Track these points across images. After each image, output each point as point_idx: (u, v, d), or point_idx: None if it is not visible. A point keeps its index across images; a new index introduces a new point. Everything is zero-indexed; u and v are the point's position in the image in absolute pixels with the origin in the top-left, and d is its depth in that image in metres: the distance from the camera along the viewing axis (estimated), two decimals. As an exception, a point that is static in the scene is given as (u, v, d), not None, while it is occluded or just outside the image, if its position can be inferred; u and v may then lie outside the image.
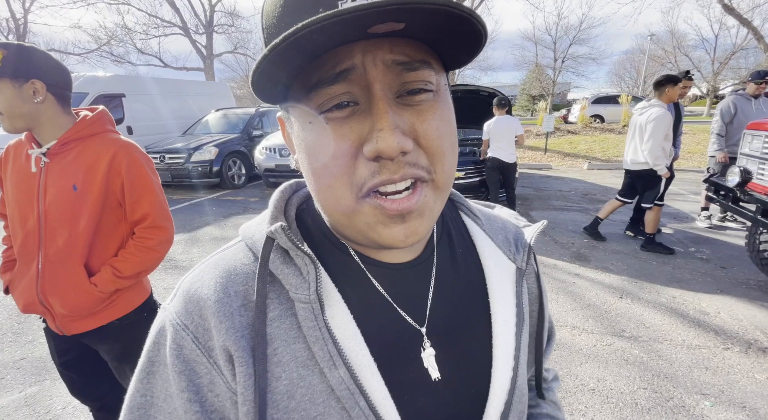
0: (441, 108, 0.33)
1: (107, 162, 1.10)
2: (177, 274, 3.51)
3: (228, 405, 0.35)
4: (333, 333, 0.35)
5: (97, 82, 7.90)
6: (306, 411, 0.34)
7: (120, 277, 1.14)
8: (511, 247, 0.45)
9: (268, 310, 0.35)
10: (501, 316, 0.41)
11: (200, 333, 0.35)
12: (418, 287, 0.40)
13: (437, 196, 0.34)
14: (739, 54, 23.31)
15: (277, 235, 0.35)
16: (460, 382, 0.39)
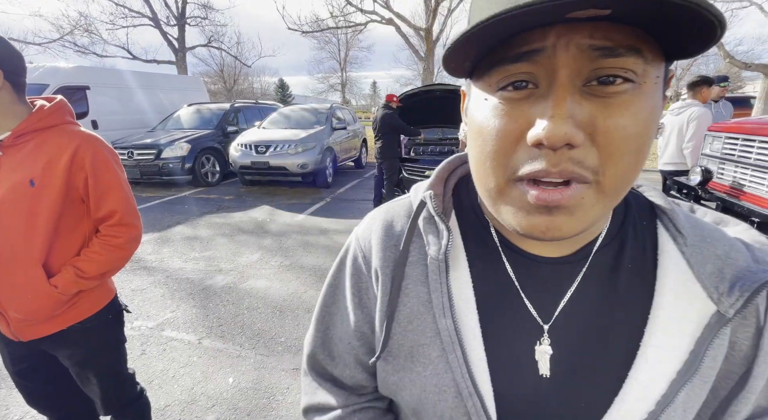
0: (639, 104, 0.28)
1: (69, 156, 1.02)
2: (146, 275, 3.36)
3: (373, 308, 0.45)
4: (451, 291, 0.40)
5: (59, 73, 7.45)
6: (417, 337, 0.40)
7: (83, 277, 1.06)
8: (723, 284, 0.34)
9: (409, 255, 0.42)
10: (653, 354, 0.35)
11: (367, 252, 0.46)
12: (555, 287, 0.38)
13: (599, 200, 0.30)
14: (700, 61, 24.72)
15: (428, 200, 0.42)
16: (571, 393, 0.37)
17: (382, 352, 0.42)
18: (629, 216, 0.40)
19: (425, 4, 13.12)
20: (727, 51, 10.53)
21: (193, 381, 2.06)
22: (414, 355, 0.41)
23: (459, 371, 0.37)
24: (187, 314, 2.72)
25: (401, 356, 0.41)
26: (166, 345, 2.37)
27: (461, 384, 0.37)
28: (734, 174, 2.77)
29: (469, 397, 0.37)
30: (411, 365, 0.41)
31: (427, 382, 0.40)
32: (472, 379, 0.37)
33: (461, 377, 0.37)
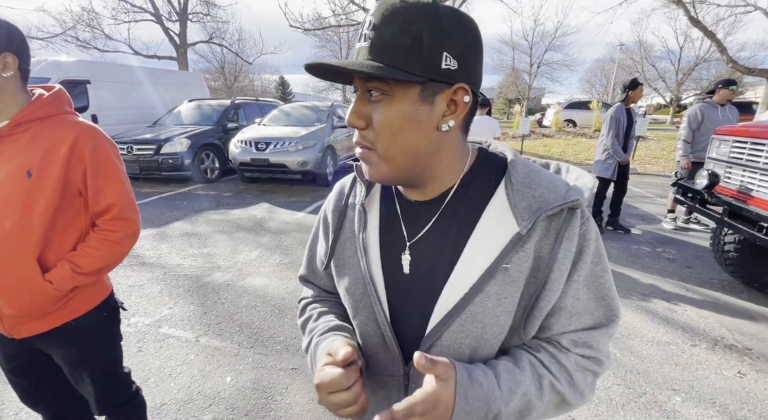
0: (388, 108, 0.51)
1: (68, 147, 0.98)
2: (144, 270, 3.31)
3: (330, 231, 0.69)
4: (367, 223, 0.63)
5: (61, 67, 7.42)
6: (346, 251, 0.65)
7: (79, 273, 1.02)
8: (527, 213, 0.52)
9: (349, 203, 0.67)
10: (469, 258, 0.54)
11: (329, 203, 0.71)
12: (423, 218, 0.60)
13: (381, 160, 0.54)
14: (702, 66, 24.72)
15: (356, 171, 0.65)
16: (420, 282, 0.58)
17: (328, 263, 0.68)
18: (478, 174, 0.59)
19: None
20: (729, 56, 10.51)
21: (190, 379, 2.02)
22: (345, 263, 0.65)
23: (364, 270, 0.60)
24: (184, 311, 2.67)
25: (339, 265, 0.66)
26: (163, 342, 2.33)
27: (365, 276, 0.60)
28: (742, 178, 2.73)
29: (368, 285, 0.60)
30: (343, 270, 0.65)
31: (350, 279, 0.63)
32: (370, 274, 0.60)
33: (365, 272, 0.60)
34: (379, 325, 0.59)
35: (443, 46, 0.47)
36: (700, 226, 4.68)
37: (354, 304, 0.63)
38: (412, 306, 0.58)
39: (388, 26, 0.47)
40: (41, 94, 1.02)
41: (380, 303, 0.59)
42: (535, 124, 18.30)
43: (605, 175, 4.22)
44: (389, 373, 0.61)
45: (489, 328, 0.54)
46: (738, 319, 2.65)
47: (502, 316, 0.54)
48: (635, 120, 4.21)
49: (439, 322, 0.55)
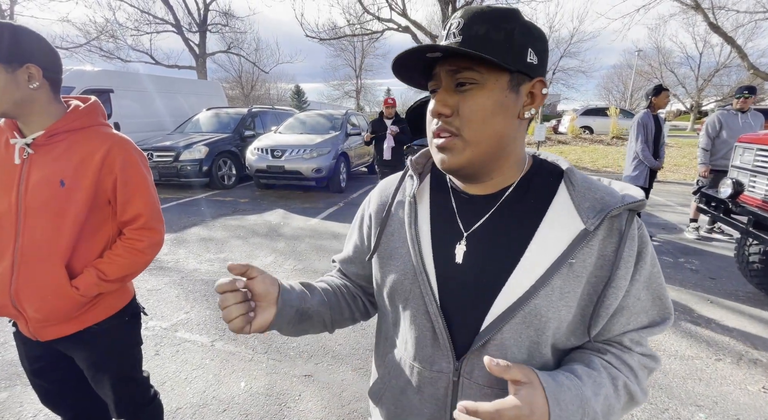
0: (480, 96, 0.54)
1: (101, 157, 1.02)
2: (162, 275, 3.39)
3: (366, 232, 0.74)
4: (417, 214, 0.65)
5: (85, 76, 7.71)
6: (395, 243, 0.65)
7: (105, 280, 1.05)
8: (592, 213, 0.54)
9: (397, 196, 0.69)
10: (537, 251, 0.55)
11: (372, 199, 0.74)
12: (479, 211, 0.61)
13: (465, 145, 0.55)
14: (722, 72, 24.10)
15: (408, 164, 0.68)
16: (475, 273, 0.58)
17: (373, 253, 0.68)
18: (537, 174, 0.61)
19: (442, 13, 13.15)
20: (750, 62, 10.23)
21: (205, 384, 2.05)
22: (392, 255, 0.65)
23: (416, 259, 0.61)
24: (200, 316, 2.72)
25: (385, 257, 0.66)
26: (180, 346, 2.37)
27: (417, 266, 0.60)
28: (767, 187, 2.64)
29: (420, 274, 0.60)
30: (390, 262, 0.65)
31: (398, 269, 0.63)
32: (422, 263, 0.60)
33: (417, 262, 0.60)
34: (430, 317, 0.58)
35: (529, 43, 0.53)
36: (723, 236, 4.52)
37: (404, 295, 0.62)
38: (465, 297, 0.58)
39: (480, 25, 0.51)
40: (77, 106, 1.06)
41: (433, 293, 0.58)
42: (551, 131, 18.09)
43: (637, 183, 4.03)
44: (438, 369, 0.59)
45: (550, 322, 0.54)
46: (763, 333, 2.54)
47: (563, 311, 0.54)
48: (663, 126, 4.11)
49: (501, 314, 0.54)
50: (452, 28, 0.53)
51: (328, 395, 1.97)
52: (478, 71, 0.52)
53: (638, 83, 29.82)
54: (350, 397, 1.96)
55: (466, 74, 0.52)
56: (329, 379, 2.08)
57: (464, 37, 0.51)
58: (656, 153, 4.09)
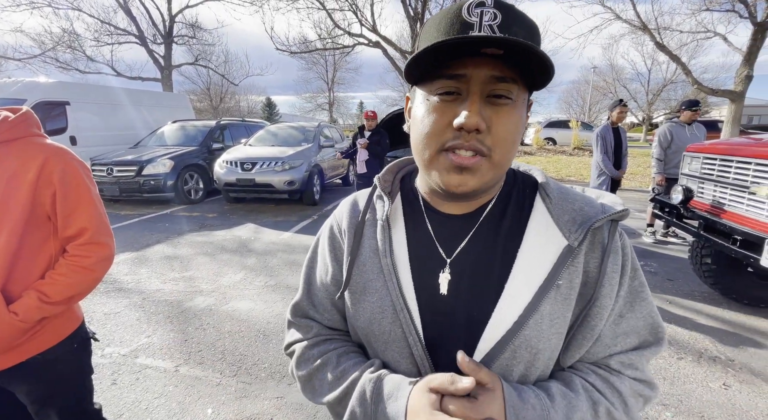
0: (515, 114, 0.47)
1: (36, 170, 0.94)
2: (121, 297, 3.18)
3: (343, 259, 0.61)
4: (392, 240, 0.56)
5: (38, 88, 7.27)
6: (368, 275, 0.56)
7: (48, 303, 0.96)
8: (573, 226, 0.51)
9: (366, 219, 0.59)
10: (521, 275, 0.50)
11: (340, 222, 0.63)
12: (459, 233, 0.55)
13: (491, 168, 0.47)
14: (669, 87, 26.12)
15: (377, 182, 0.61)
16: (462, 304, 0.52)
17: (345, 288, 0.58)
18: (514, 188, 0.57)
19: (411, 29, 13.53)
20: (694, 78, 11.15)
21: (168, 413, 1.91)
22: (366, 289, 0.56)
23: (394, 294, 0.53)
24: (163, 339, 2.56)
25: (357, 292, 0.57)
26: (140, 373, 2.21)
27: (396, 303, 0.53)
28: (714, 193, 2.84)
29: (401, 311, 0.52)
30: (364, 297, 0.56)
31: (374, 306, 0.54)
32: (403, 298, 0.53)
33: (396, 298, 0.53)
34: (415, 360, 0.51)
35: None
36: (678, 239, 4.81)
37: (382, 337, 0.54)
38: (452, 333, 0.51)
39: (519, 28, 0.43)
40: (6, 117, 0.98)
41: (417, 333, 0.51)
42: (517, 143, 18.78)
43: None
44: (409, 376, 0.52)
45: (541, 353, 0.50)
46: (720, 331, 2.70)
47: (554, 339, 0.50)
48: (624, 138, 4.40)
49: (492, 349, 0.49)
50: (486, 19, 0.42)
51: (302, 417, 1.89)
52: (517, 84, 0.45)
53: (595, 97, 31.76)
54: (324, 417, 1.89)
55: (508, 86, 0.44)
56: (302, 400, 2.00)
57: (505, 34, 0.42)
58: (618, 163, 4.36)
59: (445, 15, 0.45)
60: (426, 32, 0.47)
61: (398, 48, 13.74)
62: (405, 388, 0.48)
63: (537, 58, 0.41)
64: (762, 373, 2.23)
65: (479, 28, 0.42)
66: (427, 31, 0.47)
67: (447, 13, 0.45)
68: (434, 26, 0.46)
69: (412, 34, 13.36)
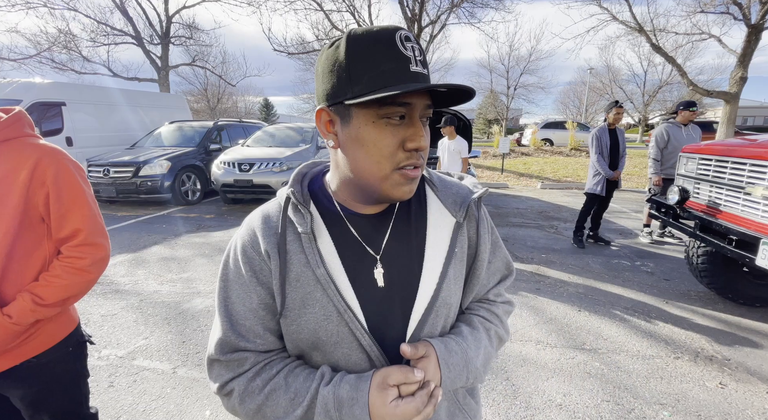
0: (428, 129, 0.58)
1: (29, 171, 0.93)
2: (118, 299, 3.16)
3: (270, 281, 0.59)
4: (320, 250, 0.59)
5: (34, 88, 7.23)
6: (304, 288, 0.58)
7: (42, 305, 0.95)
8: (456, 206, 0.66)
9: (287, 235, 0.59)
10: (432, 253, 0.63)
11: (255, 243, 0.60)
12: (380, 230, 0.63)
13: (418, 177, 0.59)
14: (665, 88, 26.27)
15: (291, 195, 0.60)
16: (396, 290, 0.61)
17: (283, 309, 0.59)
18: None
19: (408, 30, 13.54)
20: (690, 79, 11.22)
21: (166, 415, 1.90)
22: (305, 302, 0.58)
23: (336, 299, 0.57)
24: (161, 341, 2.55)
25: (296, 308, 0.58)
26: (137, 376, 2.20)
27: (339, 306, 0.57)
28: (710, 193, 2.87)
29: (344, 312, 0.57)
30: (305, 310, 0.58)
31: (318, 316, 0.57)
32: (344, 301, 0.57)
33: (338, 302, 0.57)
34: (364, 349, 0.58)
35: None
36: (674, 240, 4.84)
37: (330, 340, 0.58)
38: (391, 316, 0.60)
39: (426, 60, 0.55)
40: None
41: (362, 327, 0.57)
42: (515, 143, 18.86)
43: (594, 191, 4.40)
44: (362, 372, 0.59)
45: (453, 306, 0.65)
46: (716, 330, 2.72)
47: (459, 293, 0.67)
48: (621, 139, 4.42)
49: (421, 317, 0.60)
50: (417, 55, 0.52)
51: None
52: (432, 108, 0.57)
53: (592, 98, 31.89)
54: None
55: (430, 111, 0.56)
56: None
57: (426, 70, 0.54)
58: (615, 164, 4.38)
59: (384, 44, 0.50)
60: (369, 59, 0.50)
61: (396, 49, 13.74)
62: (363, 388, 0.53)
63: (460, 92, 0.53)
64: (758, 372, 2.25)
65: (414, 62, 0.51)
66: (370, 58, 0.50)
67: (385, 43, 0.50)
68: (379, 55, 0.50)
69: (410, 35, 13.37)
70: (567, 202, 7.34)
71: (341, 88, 0.51)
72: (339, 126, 0.56)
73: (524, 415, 1.91)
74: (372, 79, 0.49)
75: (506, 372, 2.24)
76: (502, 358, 2.36)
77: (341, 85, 0.51)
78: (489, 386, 2.11)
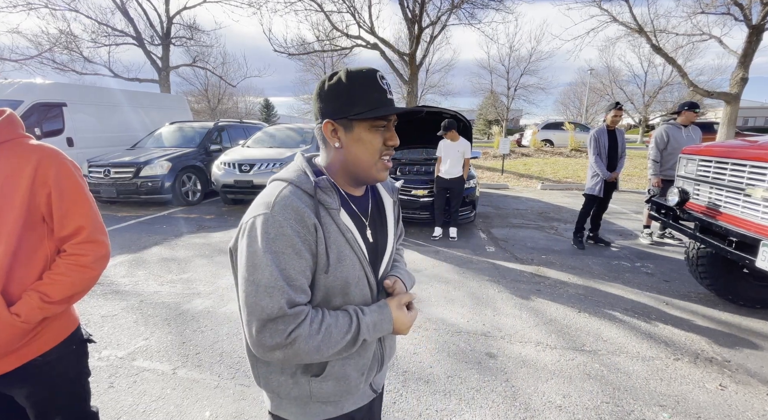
0: None
1: (30, 172, 0.94)
2: (118, 299, 3.17)
3: (313, 248, 0.77)
4: (343, 220, 0.82)
5: (35, 89, 7.24)
6: (339, 249, 0.80)
7: (49, 302, 0.96)
8: (391, 192, 0.99)
9: (320, 211, 0.79)
10: (390, 221, 0.96)
11: (302, 219, 0.75)
12: (365, 205, 0.91)
13: None
14: (665, 89, 26.26)
15: (319, 183, 0.80)
16: (379, 244, 0.91)
17: (328, 267, 0.77)
18: None
19: (408, 31, 13.55)
20: (690, 80, 11.22)
21: (166, 416, 1.90)
22: (340, 259, 0.79)
23: (360, 253, 0.83)
24: (161, 342, 2.55)
25: (334, 263, 0.79)
26: (137, 376, 2.20)
27: (360, 257, 0.83)
28: (710, 195, 2.86)
29: (363, 260, 0.84)
30: (340, 265, 0.79)
31: (350, 266, 0.81)
32: (364, 253, 0.84)
33: (360, 254, 0.83)
34: (369, 284, 0.86)
35: None
36: (674, 241, 4.84)
37: (354, 281, 0.82)
38: (376, 259, 0.90)
39: None
40: None
41: (370, 269, 0.86)
42: (515, 144, 18.86)
43: (592, 192, 4.39)
44: (366, 303, 0.86)
45: (397, 250, 1.05)
46: (716, 332, 2.71)
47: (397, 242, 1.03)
48: (621, 140, 4.41)
49: (388, 259, 0.93)
50: (388, 88, 0.81)
51: (300, 419, 1.88)
52: None
53: (592, 99, 31.88)
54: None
55: (396, 121, 0.85)
56: (301, 402, 1.99)
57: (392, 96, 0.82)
58: (613, 165, 4.38)
59: (371, 80, 0.78)
60: (364, 89, 0.77)
61: (396, 50, 13.75)
62: (386, 312, 0.84)
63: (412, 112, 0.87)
64: (758, 374, 2.25)
65: (389, 92, 0.80)
66: (364, 88, 0.77)
67: (371, 80, 0.78)
68: (369, 88, 0.78)
69: (410, 35, 13.36)
70: (567, 203, 7.33)
71: (344, 107, 0.77)
72: (342, 133, 0.80)
73: (523, 416, 1.91)
74: (368, 103, 0.77)
75: (506, 373, 2.24)
76: (502, 359, 2.37)
77: (344, 105, 0.77)
78: (488, 387, 2.11)
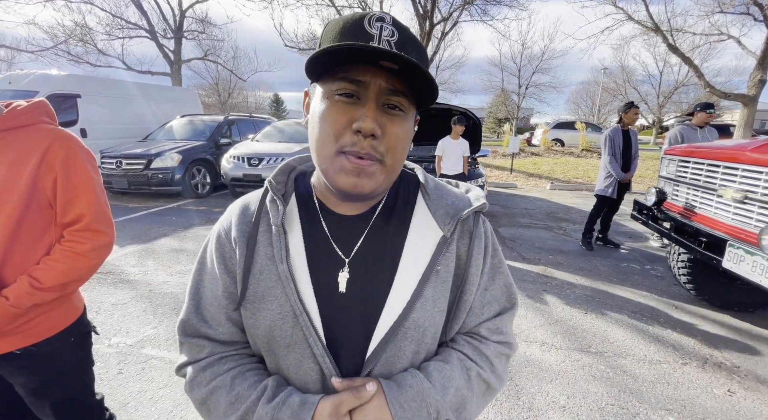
0: (405, 125, 0.52)
1: (39, 155, 0.94)
2: (128, 288, 3.22)
3: (235, 270, 0.58)
4: (288, 245, 0.56)
5: (50, 80, 7.37)
6: (266, 283, 0.55)
7: (39, 288, 0.93)
8: (447, 219, 0.58)
9: (260, 226, 0.58)
10: (407, 266, 0.56)
11: (228, 230, 0.60)
12: (355, 232, 0.58)
13: (384, 172, 0.52)
14: (681, 89, 25.76)
15: (269, 186, 0.59)
16: (359, 299, 0.56)
17: (242, 300, 0.56)
18: (401, 186, 0.63)
19: (420, 27, 13.46)
20: (707, 81, 10.99)
21: (173, 403, 1.94)
22: (264, 297, 0.55)
23: (293, 299, 0.54)
24: (169, 331, 2.59)
25: (256, 301, 0.56)
26: (146, 364, 2.24)
27: (295, 307, 0.53)
28: (687, 196, 2.83)
29: (300, 314, 0.53)
30: (263, 305, 0.55)
31: (274, 313, 0.55)
32: (301, 302, 0.54)
33: (294, 302, 0.53)
34: (316, 359, 0.54)
35: None
36: (685, 244, 4.77)
37: (283, 341, 0.55)
38: (351, 327, 0.55)
39: (413, 49, 0.49)
40: (17, 105, 0.98)
41: (318, 334, 0.53)
42: (525, 143, 18.68)
43: (605, 193, 4.33)
44: (306, 385, 0.56)
45: (428, 330, 0.57)
46: (725, 337, 2.67)
47: (437, 317, 0.58)
48: (634, 141, 4.33)
49: (386, 335, 0.54)
50: (384, 34, 0.47)
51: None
52: (407, 99, 0.50)
53: (605, 99, 31.41)
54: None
55: (400, 99, 0.49)
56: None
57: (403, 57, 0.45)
58: (627, 166, 4.31)
59: (347, 21, 0.48)
60: (328, 33, 0.50)
61: (407, 46, 13.66)
62: (304, 415, 0.50)
63: (426, 79, 0.47)
64: (767, 380, 2.21)
65: (378, 40, 0.47)
66: (328, 32, 0.50)
67: (349, 20, 0.48)
68: (337, 29, 0.49)
69: (421, 31, 13.28)
70: (576, 204, 7.25)
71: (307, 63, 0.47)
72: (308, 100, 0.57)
73: (527, 416, 1.90)
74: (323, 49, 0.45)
75: (510, 372, 2.23)
76: (507, 359, 2.36)
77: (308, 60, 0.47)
78: (492, 386, 2.11)
